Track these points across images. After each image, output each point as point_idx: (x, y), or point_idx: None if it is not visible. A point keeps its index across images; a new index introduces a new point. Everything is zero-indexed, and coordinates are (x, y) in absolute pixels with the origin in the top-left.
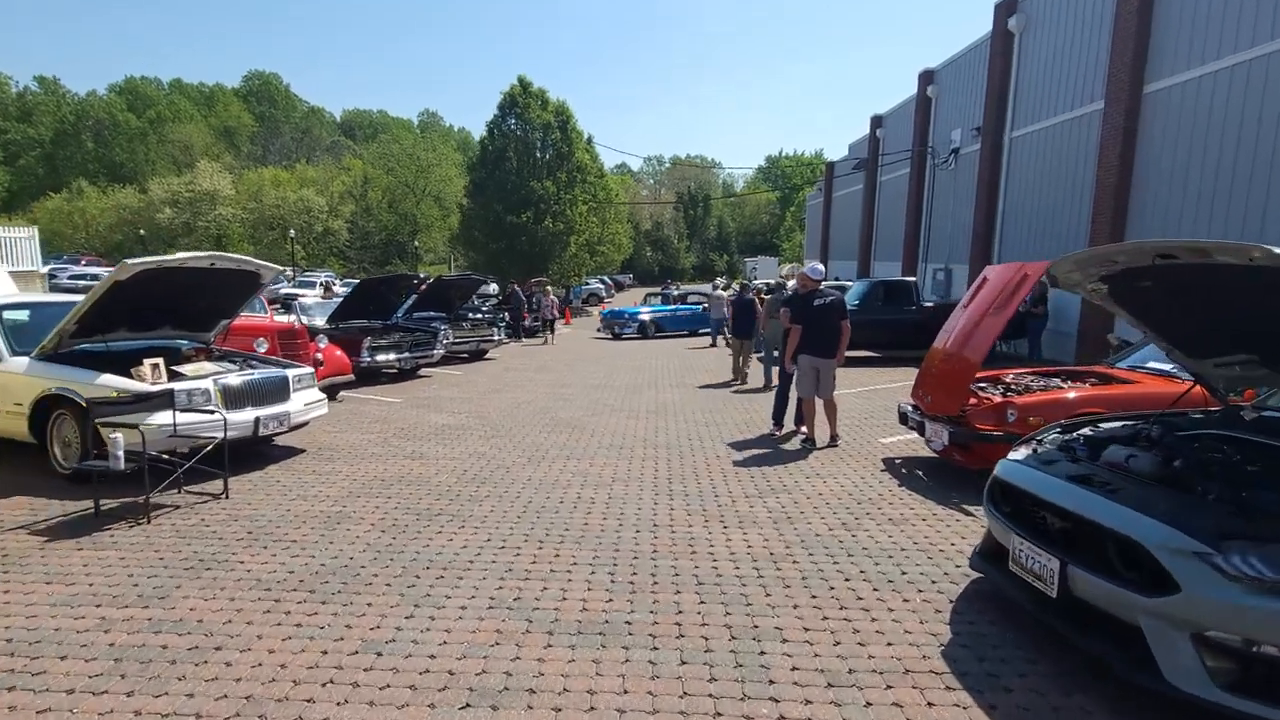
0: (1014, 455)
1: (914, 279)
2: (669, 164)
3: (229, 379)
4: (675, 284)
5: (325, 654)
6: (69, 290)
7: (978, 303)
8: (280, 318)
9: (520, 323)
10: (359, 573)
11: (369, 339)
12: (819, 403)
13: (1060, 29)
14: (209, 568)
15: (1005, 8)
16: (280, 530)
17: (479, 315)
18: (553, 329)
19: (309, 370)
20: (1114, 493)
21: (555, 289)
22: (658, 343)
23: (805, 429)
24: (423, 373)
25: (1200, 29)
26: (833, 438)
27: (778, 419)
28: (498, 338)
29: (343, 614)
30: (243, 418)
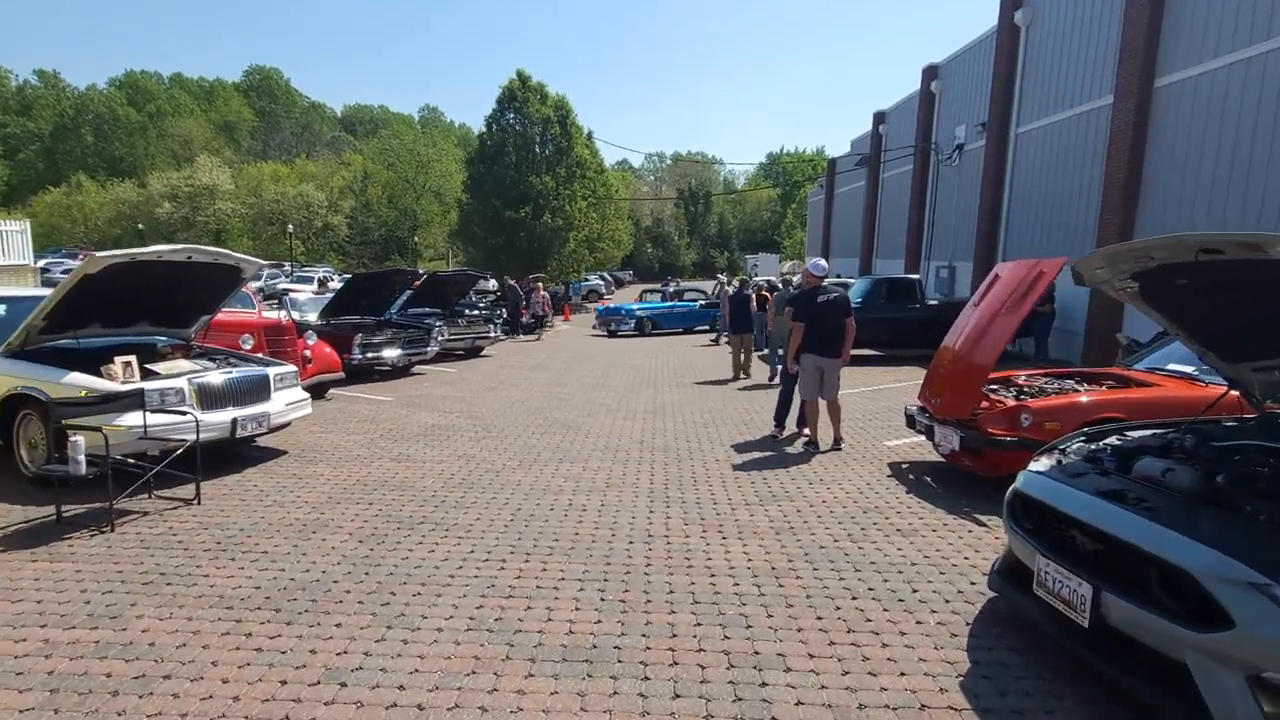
0: (1036, 466)
1: (917, 276)
2: (670, 160)
3: (205, 378)
4: (675, 280)
5: (284, 684)
6: None
7: (989, 301)
8: (273, 314)
9: (518, 319)
10: (330, 588)
11: (360, 336)
12: (822, 404)
13: (1068, 23)
14: (170, 582)
15: (1012, 1)
16: (251, 540)
17: (475, 312)
18: (543, 325)
19: (291, 369)
20: (1153, 512)
21: (555, 285)
22: (658, 340)
23: (808, 431)
24: (416, 370)
25: (1214, 21)
26: (836, 441)
27: (780, 420)
28: (493, 334)
29: (308, 636)
30: (219, 419)
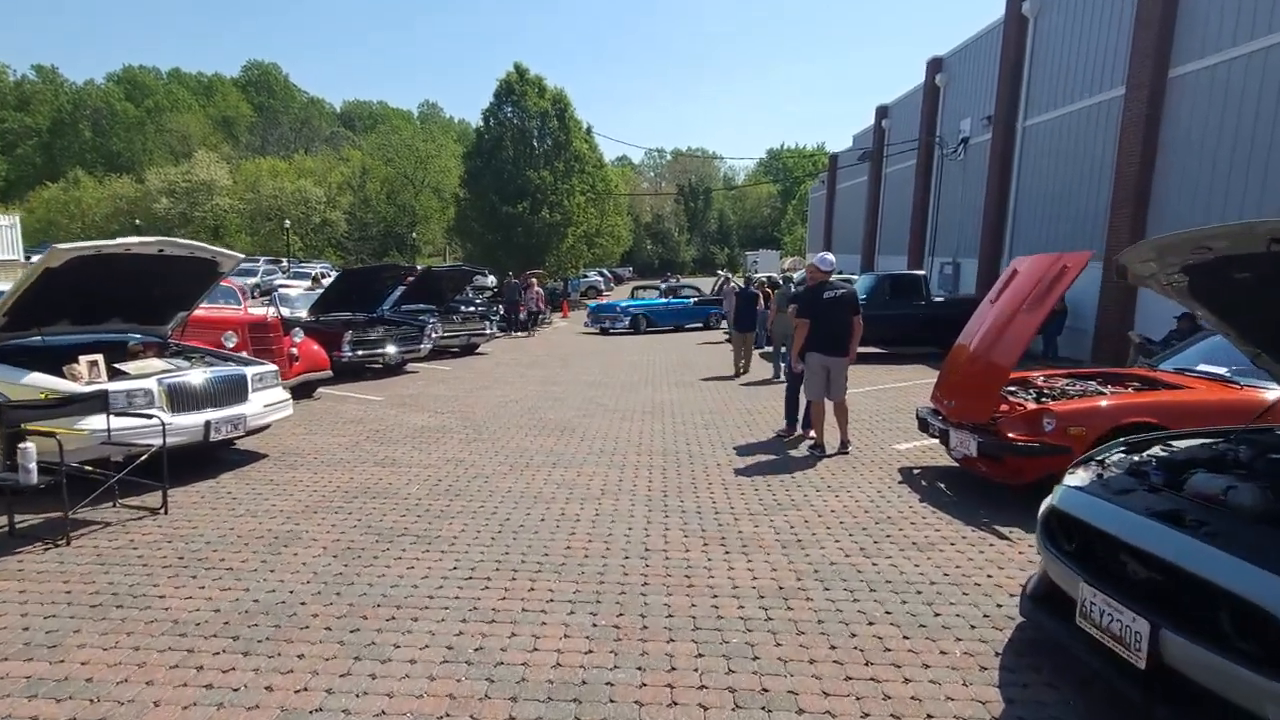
0: (1074, 480)
1: (923, 273)
2: (670, 156)
3: (177, 378)
4: (675, 277)
5: None
6: None
7: (1008, 298)
8: (261, 310)
9: (515, 315)
10: (296, 612)
11: (351, 332)
12: (829, 405)
13: (1077, 13)
14: (121, 604)
15: None
16: (217, 555)
17: (471, 308)
18: (537, 322)
19: (271, 368)
20: (1217, 537)
21: (554, 281)
22: (656, 337)
23: (813, 434)
24: (409, 368)
25: (1230, 9)
26: (843, 444)
27: (790, 418)
28: (489, 331)
29: (265, 670)
30: (190, 421)
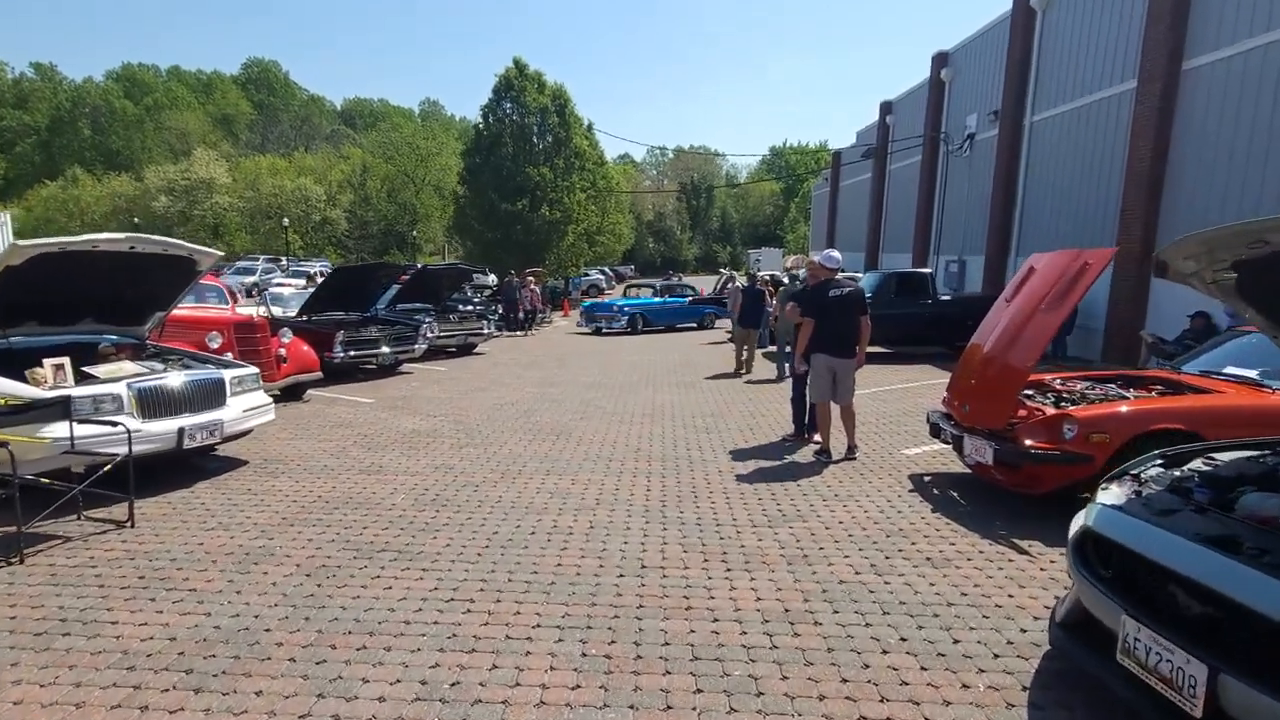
0: (1108, 498)
1: (929, 270)
2: (672, 154)
3: (148, 382)
4: (676, 275)
5: None
6: None
7: (1025, 297)
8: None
9: (514, 314)
10: (259, 640)
11: (343, 332)
12: (835, 409)
13: (1087, 5)
14: (68, 631)
15: None
16: (181, 574)
17: (469, 307)
18: (535, 321)
19: (252, 371)
20: None
21: (554, 280)
22: (655, 336)
23: (819, 438)
24: (404, 368)
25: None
26: (850, 449)
27: (799, 426)
28: (487, 331)
29: (216, 710)
30: (162, 428)
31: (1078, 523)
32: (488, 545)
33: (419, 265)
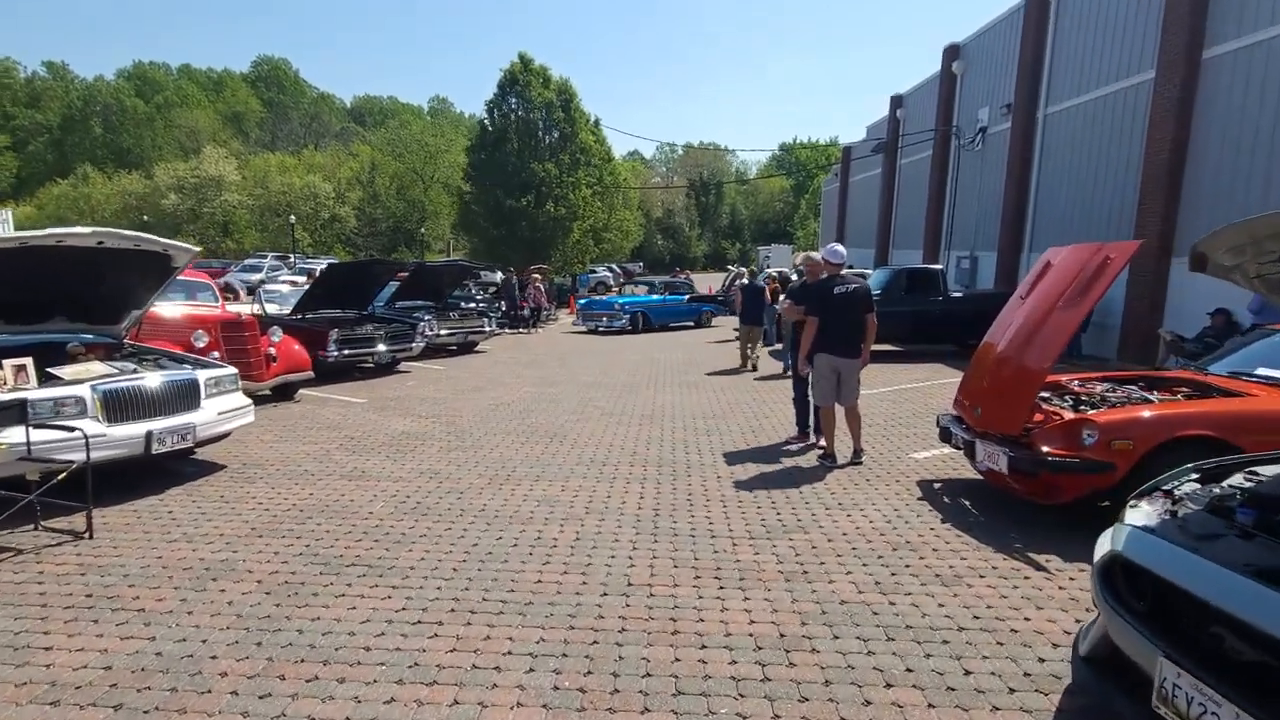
0: (1139, 518)
1: (940, 267)
2: (682, 150)
3: (115, 384)
4: (684, 272)
5: None
6: None
7: (1041, 293)
8: (241, 307)
9: (516, 312)
10: (201, 669)
11: (336, 331)
12: (839, 411)
13: None
14: None
15: None
16: (132, 592)
17: (470, 305)
18: (538, 318)
19: (230, 371)
20: None
21: (561, 277)
22: (659, 335)
23: (823, 442)
24: (402, 367)
25: None
26: (856, 453)
27: (803, 427)
28: (488, 329)
29: None
30: (128, 432)
31: (1103, 547)
32: (465, 559)
33: (405, 263)
